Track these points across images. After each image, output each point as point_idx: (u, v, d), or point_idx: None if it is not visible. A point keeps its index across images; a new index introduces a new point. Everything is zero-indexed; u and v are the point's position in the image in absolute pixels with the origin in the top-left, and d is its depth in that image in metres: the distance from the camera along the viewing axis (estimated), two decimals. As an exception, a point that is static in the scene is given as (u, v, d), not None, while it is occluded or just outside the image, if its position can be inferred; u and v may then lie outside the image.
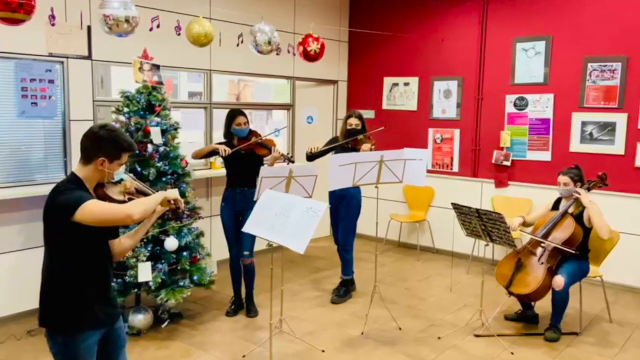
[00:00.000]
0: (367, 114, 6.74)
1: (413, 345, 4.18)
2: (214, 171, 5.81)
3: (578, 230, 4.25)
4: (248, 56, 5.51)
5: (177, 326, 4.45)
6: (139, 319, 4.21)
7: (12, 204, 4.38)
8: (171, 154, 4.34)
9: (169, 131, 4.36)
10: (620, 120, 5.45)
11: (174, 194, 2.48)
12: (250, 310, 4.71)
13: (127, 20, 4.00)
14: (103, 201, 2.34)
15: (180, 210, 2.49)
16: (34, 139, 4.60)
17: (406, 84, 6.99)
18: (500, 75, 6.21)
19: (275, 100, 8.61)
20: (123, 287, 4.11)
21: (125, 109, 4.30)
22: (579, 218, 4.30)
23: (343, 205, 5.07)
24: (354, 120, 5.02)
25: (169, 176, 4.31)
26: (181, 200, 2.50)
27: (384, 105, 7.20)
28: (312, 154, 4.99)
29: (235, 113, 4.63)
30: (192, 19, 4.76)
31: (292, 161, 4.62)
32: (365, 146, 4.87)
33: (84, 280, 2.34)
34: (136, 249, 4.08)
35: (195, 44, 4.72)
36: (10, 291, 4.42)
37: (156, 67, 4.38)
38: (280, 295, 4.26)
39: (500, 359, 3.99)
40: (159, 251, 4.21)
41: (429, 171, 6.36)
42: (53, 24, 4.49)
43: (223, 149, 4.50)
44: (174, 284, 4.25)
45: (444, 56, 6.63)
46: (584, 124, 5.67)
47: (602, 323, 4.68)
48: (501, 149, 6.24)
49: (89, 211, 2.21)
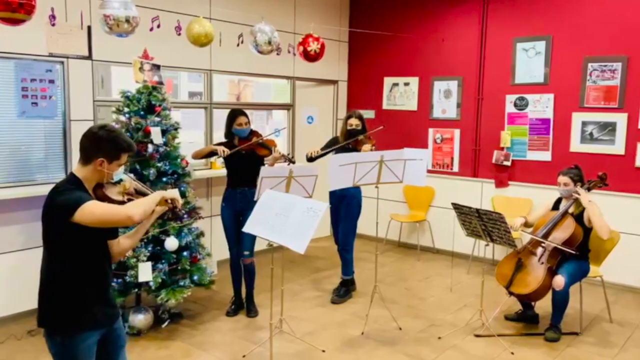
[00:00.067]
0: (368, 114, 6.74)
1: (413, 345, 4.18)
2: (214, 171, 5.81)
3: (578, 230, 4.25)
4: (248, 56, 5.51)
5: (178, 326, 4.45)
6: (139, 319, 4.22)
7: (13, 204, 4.38)
8: (171, 154, 4.34)
9: (170, 131, 4.36)
10: (620, 120, 5.45)
11: (172, 194, 2.49)
12: (251, 310, 4.71)
13: (128, 20, 4.00)
14: (102, 202, 2.33)
15: (177, 210, 2.49)
16: (35, 139, 4.60)
17: (406, 84, 6.99)
18: (501, 75, 6.21)
19: (275, 101, 8.62)
20: (123, 287, 4.11)
21: (126, 109, 4.30)
22: (579, 218, 4.30)
23: (343, 205, 5.08)
24: (354, 121, 5.02)
25: (169, 176, 4.31)
26: (178, 200, 2.50)
27: (384, 105, 7.20)
28: (312, 158, 4.97)
29: (236, 113, 4.63)
30: (193, 19, 4.76)
31: (293, 162, 4.62)
32: (366, 147, 4.87)
33: (83, 280, 2.33)
34: (136, 249, 4.08)
35: (196, 44, 4.72)
36: (10, 291, 4.42)
37: (156, 67, 4.38)
38: (280, 295, 4.27)
39: (501, 359, 3.99)
40: (159, 251, 4.21)
41: (429, 171, 6.36)
42: (53, 24, 4.50)
43: (222, 150, 4.50)
44: (174, 284, 4.25)
45: (444, 56, 6.63)
46: (584, 124, 5.67)
47: (603, 323, 4.68)
48: (501, 149, 6.24)
49: (89, 212, 2.21)
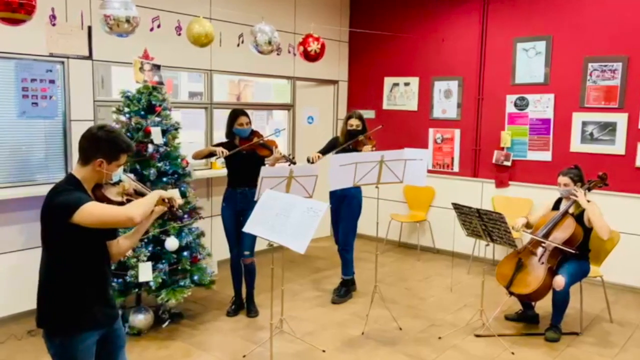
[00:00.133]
0: (368, 114, 6.75)
1: (413, 346, 4.18)
2: (215, 171, 5.82)
3: (578, 230, 4.25)
4: (248, 56, 5.52)
5: (178, 326, 4.45)
6: (140, 319, 4.22)
7: (13, 204, 4.38)
8: (172, 154, 4.34)
9: (170, 131, 4.37)
10: (620, 120, 5.45)
11: (169, 193, 2.48)
12: (251, 310, 4.71)
13: (128, 21, 4.01)
14: (101, 202, 2.33)
15: (175, 209, 2.49)
16: (35, 139, 4.60)
17: (407, 84, 6.99)
18: (501, 75, 6.21)
19: (275, 101, 8.62)
20: (124, 287, 4.11)
21: (126, 109, 4.30)
22: (580, 218, 4.30)
23: (344, 205, 5.08)
24: (354, 121, 5.02)
25: (169, 176, 4.32)
26: (176, 199, 2.50)
27: (385, 106, 7.20)
28: (313, 163, 4.94)
29: (237, 113, 4.64)
30: (193, 19, 4.76)
31: (294, 162, 4.62)
32: (366, 147, 4.87)
33: (82, 281, 2.33)
34: (137, 249, 4.08)
35: (196, 44, 4.72)
36: (11, 291, 4.42)
37: (157, 67, 4.38)
38: (280, 295, 4.27)
39: (501, 359, 3.99)
40: (159, 251, 4.21)
41: (429, 171, 6.36)
42: (54, 24, 4.50)
43: (220, 151, 4.50)
44: (175, 284, 4.25)
45: (444, 56, 6.63)
46: (585, 124, 5.67)
47: (603, 323, 4.68)
48: (502, 149, 6.24)
49: (88, 213, 2.20)
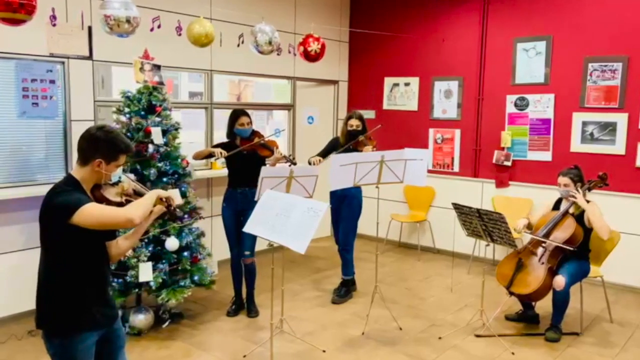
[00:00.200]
0: (368, 114, 6.76)
1: (414, 346, 4.18)
2: (215, 171, 5.82)
3: (579, 230, 4.25)
4: (249, 56, 5.52)
5: (178, 326, 4.45)
6: (140, 319, 4.22)
7: (14, 204, 4.39)
8: (172, 154, 4.35)
9: (170, 131, 4.37)
10: (621, 120, 5.45)
11: (167, 192, 2.48)
12: (251, 310, 4.71)
13: (128, 21, 4.01)
14: (100, 203, 2.33)
15: (172, 209, 2.48)
16: (35, 139, 4.60)
17: (407, 84, 6.99)
18: (501, 76, 6.21)
19: (275, 101, 8.62)
20: (124, 287, 4.12)
21: (126, 109, 4.30)
22: (580, 218, 4.30)
23: (344, 205, 5.08)
24: (354, 122, 5.02)
25: (170, 176, 4.32)
26: (173, 199, 2.49)
27: (385, 106, 7.20)
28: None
29: (238, 113, 4.64)
30: (193, 19, 4.77)
31: (294, 163, 4.62)
32: (367, 147, 4.87)
33: (81, 281, 2.33)
34: (137, 249, 4.08)
35: (196, 44, 4.72)
36: (11, 291, 4.43)
37: (157, 68, 4.38)
38: (281, 295, 4.27)
39: (501, 359, 3.99)
40: (159, 251, 4.21)
41: (429, 171, 6.36)
42: (54, 25, 4.50)
43: (219, 152, 4.50)
44: (175, 284, 4.25)
45: (444, 56, 6.63)
46: (585, 124, 5.67)
47: (603, 323, 4.68)
48: (502, 149, 6.24)
49: (88, 214, 2.20)
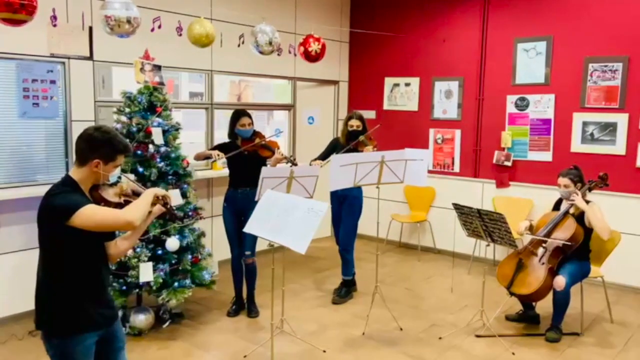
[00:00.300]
0: (368, 115, 6.75)
1: (414, 346, 4.18)
2: (215, 172, 5.82)
3: (579, 230, 4.25)
4: (249, 57, 5.52)
5: (179, 326, 4.45)
6: (140, 319, 4.22)
7: (14, 204, 4.39)
8: (172, 155, 4.34)
9: (170, 132, 4.37)
10: (621, 120, 5.45)
11: (163, 191, 2.48)
12: (252, 310, 4.72)
13: (129, 21, 4.01)
14: (98, 203, 2.32)
15: (169, 206, 2.48)
16: (36, 140, 4.61)
17: (407, 85, 6.99)
18: (501, 76, 6.20)
19: (276, 101, 8.63)
20: (125, 288, 4.12)
21: (127, 110, 4.31)
22: (580, 219, 4.30)
23: (345, 205, 5.08)
24: (354, 122, 5.03)
25: (170, 177, 4.32)
26: (169, 196, 2.49)
27: (385, 106, 7.20)
28: None
29: (239, 114, 4.64)
30: (194, 20, 4.77)
31: (295, 164, 4.63)
32: (368, 147, 4.88)
33: (80, 282, 2.32)
34: (138, 249, 4.09)
35: (197, 44, 4.73)
36: (12, 291, 4.43)
37: (157, 68, 4.38)
38: (281, 295, 4.28)
39: (502, 359, 3.99)
40: (160, 251, 4.22)
41: (430, 171, 6.36)
42: (55, 25, 4.50)
43: (216, 154, 4.51)
44: (175, 284, 4.25)
45: (444, 56, 6.63)
46: (585, 124, 5.67)
47: (603, 323, 4.68)
48: (502, 149, 6.24)
49: (87, 216, 2.20)
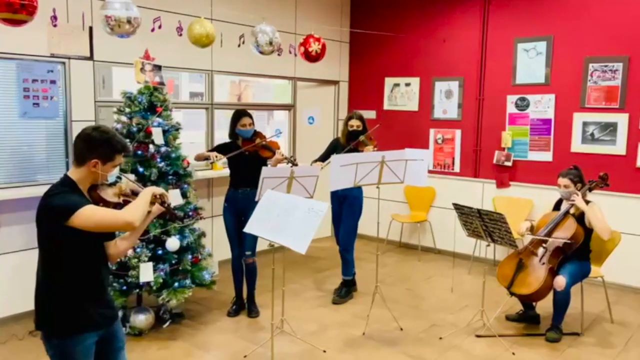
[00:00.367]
0: (369, 115, 6.75)
1: (414, 346, 4.18)
2: (216, 172, 5.82)
3: (579, 231, 4.25)
4: (249, 57, 5.52)
5: (179, 326, 4.45)
6: (141, 319, 4.22)
7: (15, 204, 4.38)
8: (173, 155, 4.35)
9: (171, 132, 4.37)
10: (621, 120, 5.45)
11: (160, 189, 2.47)
12: (252, 310, 4.72)
13: (129, 21, 4.01)
14: (97, 203, 2.32)
15: (166, 205, 2.47)
16: (36, 140, 4.61)
17: (407, 85, 6.99)
18: (502, 76, 6.20)
19: (276, 101, 8.63)
20: (125, 288, 4.12)
21: (127, 110, 4.31)
22: (581, 219, 4.30)
23: (345, 205, 5.08)
24: (355, 122, 5.03)
25: (170, 177, 4.32)
26: (166, 195, 2.48)
27: (385, 106, 7.20)
28: None
29: (240, 114, 4.65)
30: (194, 20, 4.77)
31: (296, 164, 4.63)
32: (368, 147, 4.88)
33: (79, 282, 2.32)
34: (138, 250, 4.09)
35: (197, 44, 4.73)
36: (12, 291, 4.43)
37: (158, 68, 4.38)
38: (281, 295, 4.28)
39: (502, 359, 3.99)
40: (160, 251, 4.22)
41: (430, 172, 6.36)
42: (55, 25, 4.50)
43: (214, 155, 4.52)
44: (176, 284, 4.25)
45: (445, 56, 6.63)
46: (586, 124, 5.67)
47: (604, 323, 4.68)
48: (502, 149, 6.24)
49: (86, 217, 2.20)
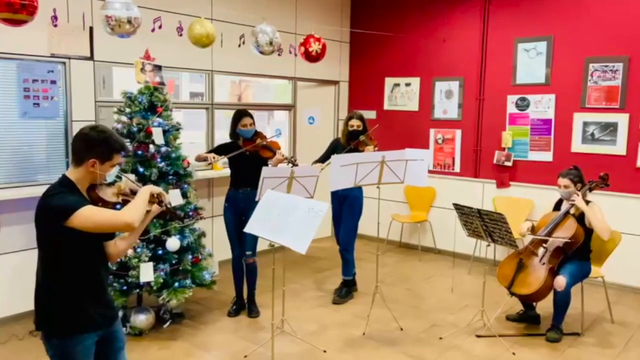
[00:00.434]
0: (369, 115, 6.75)
1: (415, 346, 4.18)
2: (216, 172, 5.82)
3: (579, 231, 4.25)
4: (250, 57, 5.52)
5: (179, 326, 4.46)
6: (141, 320, 4.22)
7: (15, 205, 4.38)
8: (173, 155, 4.35)
9: (171, 132, 4.37)
10: (621, 120, 5.45)
11: (158, 188, 2.47)
12: (252, 310, 4.72)
13: (129, 21, 4.01)
14: (96, 203, 2.32)
15: (163, 204, 2.46)
16: (36, 140, 4.61)
17: (407, 85, 6.99)
18: (502, 76, 6.20)
19: (276, 101, 8.63)
20: (125, 288, 4.12)
21: (127, 110, 4.32)
22: (581, 219, 4.30)
23: (345, 205, 5.08)
24: (355, 122, 5.03)
25: (170, 177, 4.32)
26: (164, 194, 2.47)
27: (386, 106, 7.20)
28: None
29: (241, 114, 4.65)
30: (194, 20, 4.77)
31: (297, 165, 4.63)
32: (368, 147, 4.88)
33: (79, 282, 2.32)
34: (138, 250, 4.09)
35: (197, 44, 4.73)
36: (12, 291, 4.43)
37: (158, 68, 4.39)
38: (282, 295, 4.28)
39: (502, 359, 3.99)
40: (161, 251, 4.22)
41: (430, 172, 6.36)
42: (55, 25, 4.51)
43: (211, 157, 4.53)
44: (176, 284, 4.25)
45: (445, 56, 6.63)
46: (586, 124, 5.67)
47: (604, 323, 4.68)
48: (503, 149, 6.24)
49: (85, 218, 2.19)
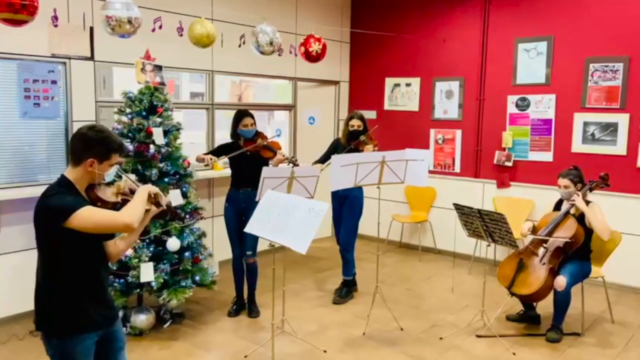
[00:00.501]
0: (369, 115, 6.76)
1: (415, 346, 4.18)
2: (216, 172, 5.82)
3: (580, 231, 4.25)
4: (250, 57, 5.52)
5: (179, 326, 4.46)
6: (141, 320, 4.23)
7: (15, 205, 4.39)
8: (173, 155, 4.35)
9: (171, 132, 4.38)
10: (622, 120, 5.45)
11: (155, 188, 2.46)
12: (252, 310, 4.72)
13: (130, 21, 4.01)
14: (95, 203, 2.31)
15: (160, 205, 2.45)
16: (37, 140, 4.61)
17: (408, 85, 6.99)
18: (502, 76, 6.20)
19: (276, 101, 8.63)
20: (125, 288, 4.12)
21: (128, 110, 4.32)
22: (581, 219, 4.30)
23: (345, 205, 5.08)
24: (355, 122, 5.03)
25: (171, 177, 4.33)
26: (161, 195, 2.47)
27: (386, 106, 7.20)
28: None
29: (242, 114, 4.65)
30: (194, 20, 4.77)
31: (297, 165, 4.63)
32: (368, 147, 4.88)
33: (79, 282, 2.32)
34: (138, 249, 4.09)
35: (198, 44, 4.73)
36: (12, 291, 4.43)
37: (158, 68, 4.39)
38: (282, 295, 4.28)
39: (502, 359, 3.99)
40: (161, 251, 4.22)
41: (430, 172, 6.37)
42: (56, 25, 4.51)
43: (208, 158, 4.53)
44: (176, 284, 4.26)
45: (445, 57, 6.63)
46: (586, 124, 5.67)
47: (604, 324, 4.68)
48: (503, 149, 6.24)
49: (84, 218, 2.19)
